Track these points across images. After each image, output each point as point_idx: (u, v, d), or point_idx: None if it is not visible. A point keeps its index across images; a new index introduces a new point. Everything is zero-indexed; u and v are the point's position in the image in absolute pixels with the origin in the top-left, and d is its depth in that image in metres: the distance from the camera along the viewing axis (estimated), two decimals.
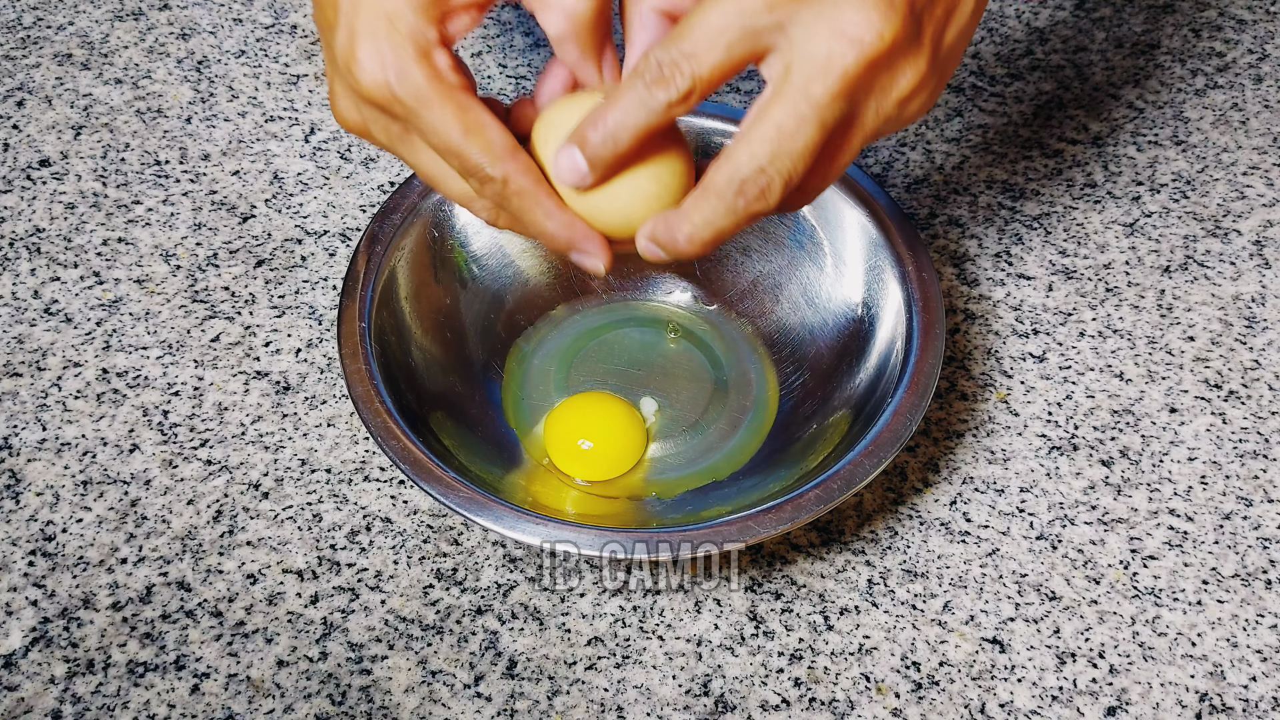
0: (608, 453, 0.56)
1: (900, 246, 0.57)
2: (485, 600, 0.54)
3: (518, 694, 0.51)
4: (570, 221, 0.45)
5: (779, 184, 0.41)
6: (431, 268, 0.59)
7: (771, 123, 0.41)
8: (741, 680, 0.52)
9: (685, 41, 0.40)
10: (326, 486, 0.57)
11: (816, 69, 0.40)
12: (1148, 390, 0.61)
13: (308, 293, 0.64)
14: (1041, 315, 0.64)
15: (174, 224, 0.66)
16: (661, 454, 0.58)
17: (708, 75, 0.41)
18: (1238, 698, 0.52)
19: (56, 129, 0.70)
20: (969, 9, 0.43)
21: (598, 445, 0.56)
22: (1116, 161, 0.70)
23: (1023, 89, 0.74)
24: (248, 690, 0.51)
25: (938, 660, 0.52)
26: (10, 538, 0.55)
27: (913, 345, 0.55)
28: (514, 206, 0.44)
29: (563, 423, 0.57)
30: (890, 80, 0.41)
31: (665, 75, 0.41)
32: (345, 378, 0.53)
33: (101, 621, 0.53)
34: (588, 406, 0.58)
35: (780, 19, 0.40)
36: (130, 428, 0.59)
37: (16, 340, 0.62)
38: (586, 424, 0.57)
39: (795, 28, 0.40)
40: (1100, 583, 0.55)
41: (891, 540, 0.56)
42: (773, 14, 0.40)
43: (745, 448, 0.58)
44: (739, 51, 0.41)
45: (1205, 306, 0.64)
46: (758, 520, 0.49)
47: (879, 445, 0.51)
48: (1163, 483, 0.58)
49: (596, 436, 0.56)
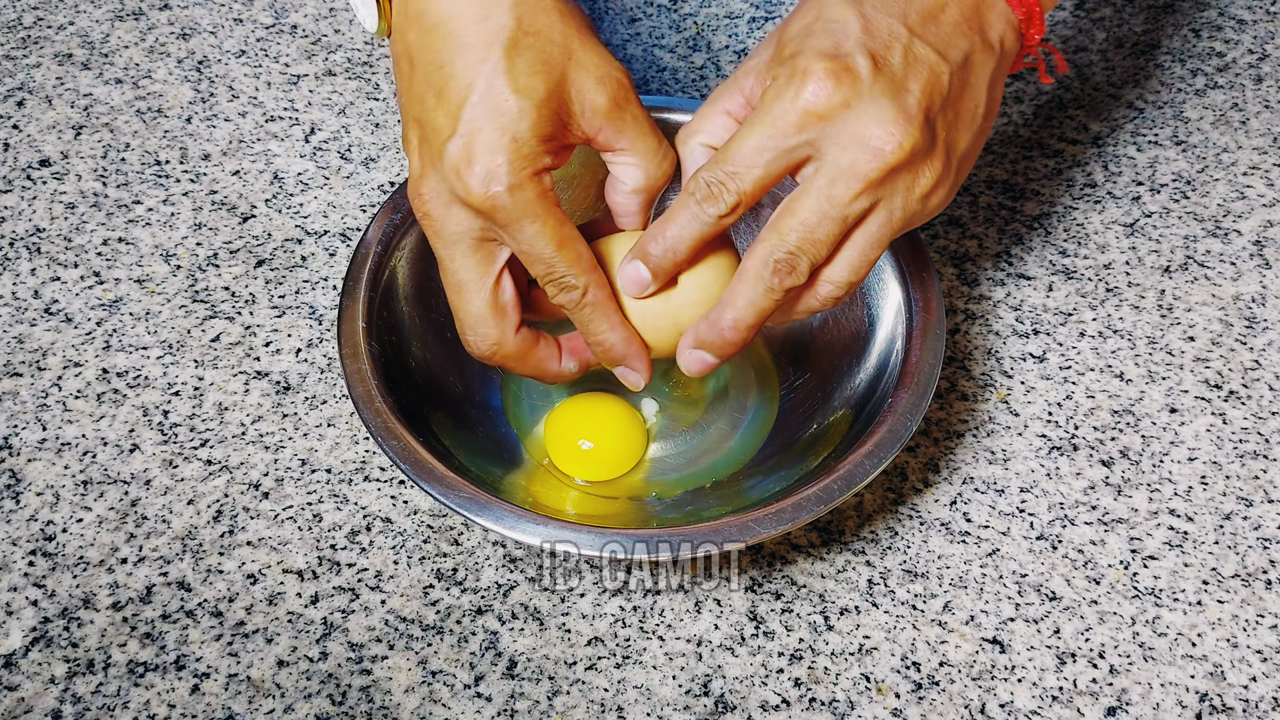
0: (608, 453, 0.56)
1: (900, 246, 0.57)
2: (485, 600, 0.54)
3: (518, 694, 0.51)
4: (630, 338, 0.50)
5: (805, 264, 0.47)
6: (432, 268, 0.59)
7: (798, 217, 0.46)
8: (742, 680, 0.52)
9: (729, 163, 0.47)
10: (327, 486, 0.57)
11: (841, 173, 0.46)
12: (1148, 390, 0.61)
13: (308, 293, 0.64)
14: (1042, 315, 0.64)
15: (174, 224, 0.66)
16: (662, 454, 0.58)
17: (750, 190, 0.47)
18: (1238, 698, 0.52)
19: (57, 129, 0.70)
20: (979, 113, 0.49)
21: (598, 446, 0.56)
22: (1117, 161, 0.70)
23: (1023, 89, 0.74)
24: (248, 690, 0.51)
25: (938, 660, 0.52)
26: (10, 537, 0.55)
27: (913, 345, 0.55)
28: (585, 315, 0.50)
29: (563, 423, 0.57)
30: (912, 180, 0.47)
31: (714, 193, 0.47)
32: (345, 378, 0.53)
33: (102, 621, 0.53)
34: (588, 407, 0.58)
35: (811, 137, 0.46)
36: (130, 428, 0.59)
37: (17, 340, 0.62)
38: (587, 425, 0.57)
39: (824, 142, 0.46)
40: (1100, 583, 0.55)
41: (892, 540, 0.56)
42: (803, 133, 0.46)
43: (746, 448, 0.58)
44: (777, 167, 0.47)
45: (1205, 307, 0.64)
46: (758, 520, 0.49)
47: (879, 445, 0.51)
48: (1163, 483, 0.58)
49: (597, 437, 0.56)
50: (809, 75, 0.45)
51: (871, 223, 0.47)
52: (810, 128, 0.46)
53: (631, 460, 0.57)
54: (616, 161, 0.51)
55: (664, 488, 0.57)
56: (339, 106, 0.72)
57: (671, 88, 0.73)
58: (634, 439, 0.57)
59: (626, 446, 0.57)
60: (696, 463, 0.58)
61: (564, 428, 0.57)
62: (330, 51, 0.75)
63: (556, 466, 0.57)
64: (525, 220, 0.47)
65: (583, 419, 0.57)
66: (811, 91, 0.45)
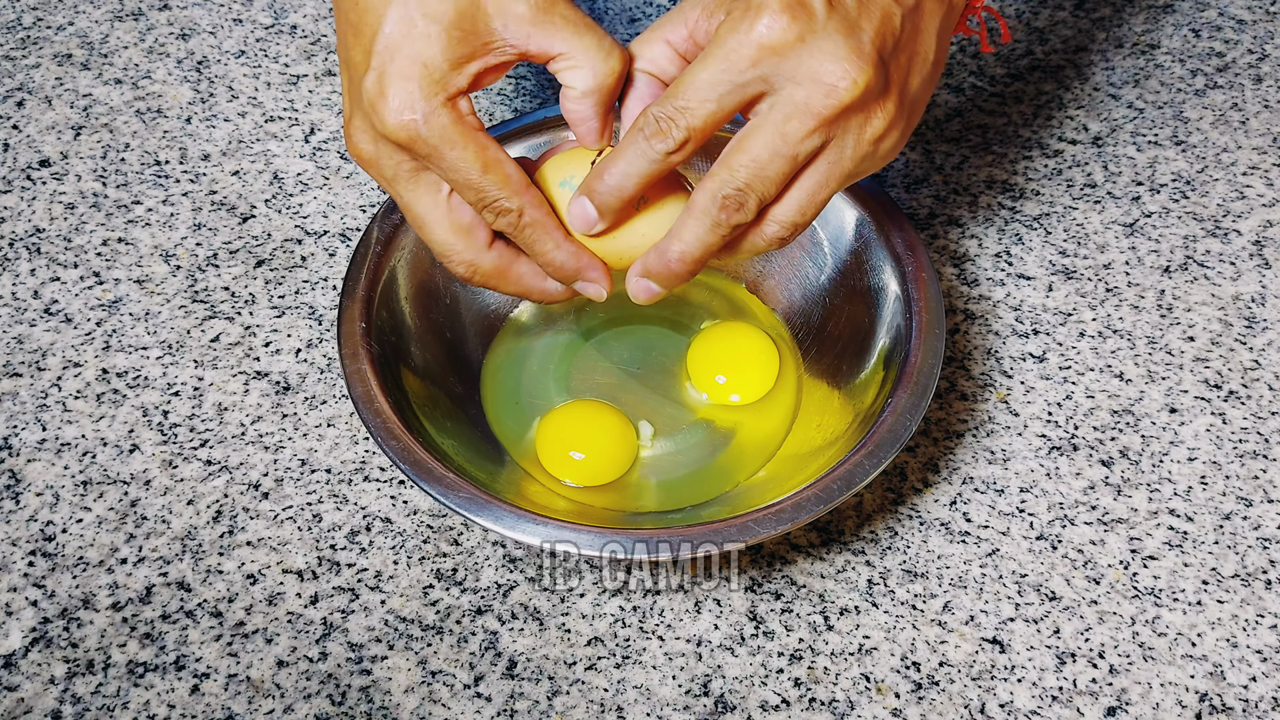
0: (598, 462, 0.56)
1: (900, 246, 0.57)
2: (485, 600, 0.54)
3: (517, 694, 0.51)
4: (577, 251, 0.50)
5: (754, 201, 0.47)
6: (432, 268, 0.59)
7: (749, 153, 0.46)
8: (741, 680, 0.52)
9: (679, 98, 0.46)
10: (326, 487, 0.57)
11: (796, 109, 0.45)
12: (1148, 390, 0.61)
13: (307, 293, 0.64)
14: (1041, 315, 0.64)
15: (174, 224, 0.66)
16: (656, 459, 0.58)
17: (701, 125, 0.46)
18: (1238, 698, 0.52)
19: (56, 129, 0.70)
20: (930, 59, 0.48)
21: (589, 456, 0.56)
22: (1116, 162, 0.70)
23: (1023, 89, 0.74)
24: (248, 690, 0.51)
25: (938, 660, 0.52)
26: (10, 538, 0.55)
27: (912, 345, 0.55)
28: (527, 237, 0.49)
29: (554, 432, 0.57)
30: (864, 121, 0.46)
31: (663, 129, 0.46)
32: (345, 378, 0.53)
33: (101, 622, 0.53)
34: (578, 417, 0.58)
35: (765, 72, 0.45)
36: (130, 428, 0.59)
37: (16, 340, 0.62)
38: (577, 435, 0.57)
39: (778, 77, 0.45)
40: (1100, 583, 0.55)
41: (891, 540, 0.56)
42: (757, 68, 0.45)
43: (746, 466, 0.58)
44: (729, 103, 0.46)
45: (1205, 307, 0.64)
46: (758, 520, 0.49)
47: (879, 445, 0.51)
48: (1163, 483, 0.58)
49: (587, 448, 0.56)
50: (764, 9, 0.44)
51: (821, 163, 0.47)
52: (765, 63, 0.45)
53: (621, 468, 0.57)
54: (560, 68, 0.49)
55: (663, 497, 0.56)
56: (338, 106, 0.72)
57: None
58: (623, 447, 0.57)
59: (616, 456, 0.57)
60: (695, 466, 0.58)
61: (555, 437, 0.57)
62: (330, 51, 0.75)
63: (546, 469, 0.57)
64: (444, 148, 0.47)
65: (573, 429, 0.57)
66: (766, 25, 0.44)
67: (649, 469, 0.57)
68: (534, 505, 0.52)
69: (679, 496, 0.56)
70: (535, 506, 0.51)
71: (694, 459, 0.57)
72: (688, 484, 0.57)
